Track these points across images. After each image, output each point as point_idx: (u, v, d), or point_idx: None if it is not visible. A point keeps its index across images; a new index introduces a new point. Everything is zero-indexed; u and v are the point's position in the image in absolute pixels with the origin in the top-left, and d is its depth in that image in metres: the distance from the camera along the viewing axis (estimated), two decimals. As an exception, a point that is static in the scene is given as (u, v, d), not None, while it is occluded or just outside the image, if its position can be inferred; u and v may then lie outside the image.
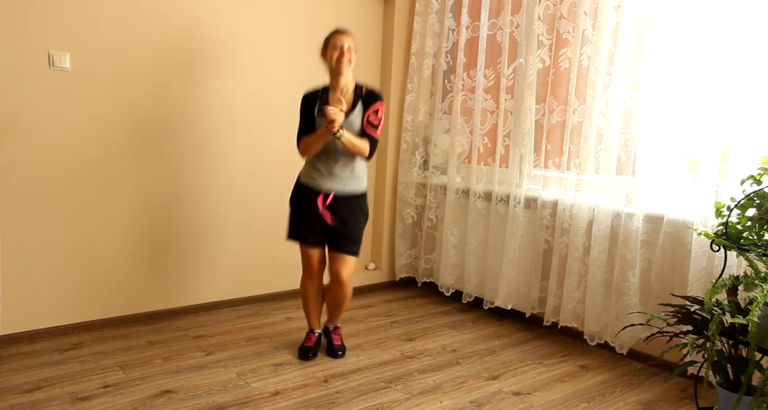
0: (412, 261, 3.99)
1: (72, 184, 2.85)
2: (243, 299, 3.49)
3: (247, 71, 3.30)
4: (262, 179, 3.46)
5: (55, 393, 2.33)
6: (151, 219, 3.10)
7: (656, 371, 2.74)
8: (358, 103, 2.60)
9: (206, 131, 3.21)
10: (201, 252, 3.30)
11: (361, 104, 2.60)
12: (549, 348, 3.01)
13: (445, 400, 2.40)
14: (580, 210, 2.93)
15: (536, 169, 3.22)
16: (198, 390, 2.40)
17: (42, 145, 2.75)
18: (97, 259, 2.96)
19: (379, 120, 2.61)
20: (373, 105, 2.60)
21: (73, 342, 2.84)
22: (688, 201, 2.60)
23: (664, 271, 2.69)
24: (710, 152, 2.45)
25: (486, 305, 3.47)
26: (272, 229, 3.52)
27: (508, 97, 3.30)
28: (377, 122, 2.60)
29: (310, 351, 2.77)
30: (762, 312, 1.84)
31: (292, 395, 2.39)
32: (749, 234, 2.01)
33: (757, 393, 1.79)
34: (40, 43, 2.68)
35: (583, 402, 2.42)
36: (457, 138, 3.54)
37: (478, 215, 3.47)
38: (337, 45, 2.56)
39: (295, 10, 3.43)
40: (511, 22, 3.24)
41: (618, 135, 2.78)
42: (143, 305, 3.14)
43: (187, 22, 3.06)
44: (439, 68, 3.66)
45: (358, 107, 2.60)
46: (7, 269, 2.72)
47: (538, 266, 3.19)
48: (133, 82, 2.95)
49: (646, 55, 2.66)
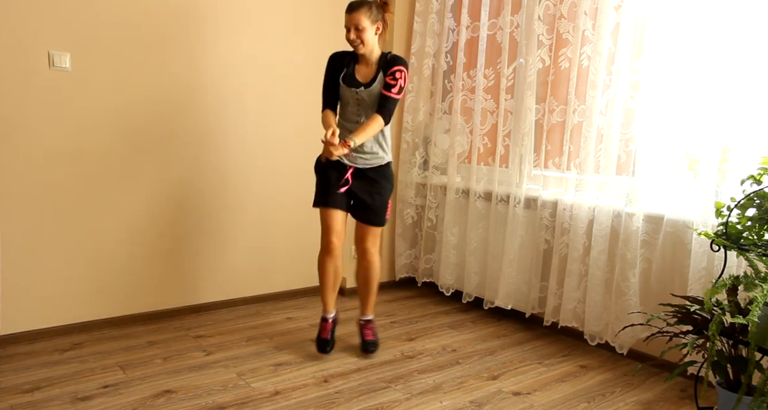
0: (412, 261, 3.99)
1: (72, 184, 2.85)
2: (243, 299, 3.49)
3: (250, 70, 3.31)
4: (263, 178, 3.46)
5: (55, 393, 2.33)
6: (151, 219, 3.10)
7: (656, 371, 2.74)
8: (380, 72, 2.62)
9: (207, 130, 3.21)
10: (201, 252, 3.30)
11: (382, 72, 2.62)
12: (549, 348, 3.01)
13: (445, 400, 2.40)
14: (580, 210, 2.93)
15: (536, 169, 3.22)
16: (198, 390, 2.40)
17: (42, 145, 2.75)
18: (97, 259, 2.97)
19: (396, 81, 2.60)
20: (391, 69, 2.60)
21: (73, 342, 2.84)
22: (688, 201, 2.60)
23: (664, 271, 2.69)
24: (710, 152, 2.45)
25: (486, 305, 3.47)
26: (272, 229, 3.53)
27: (508, 97, 3.30)
28: (393, 82, 2.59)
29: (327, 344, 2.76)
30: (762, 312, 1.85)
31: (292, 395, 2.39)
32: (749, 234, 2.01)
33: (757, 393, 1.79)
34: (40, 43, 2.69)
35: (583, 402, 2.42)
36: (457, 138, 3.54)
37: (478, 215, 3.47)
38: (348, 26, 2.58)
39: (293, 11, 3.43)
40: (511, 22, 3.24)
41: (618, 135, 2.78)
42: (143, 305, 3.15)
43: (187, 22, 3.06)
44: (439, 68, 3.66)
45: (379, 76, 2.62)
46: (7, 269, 2.72)
47: (538, 266, 3.19)
48: (133, 82, 2.95)
49: (646, 55, 2.66)
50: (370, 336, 2.82)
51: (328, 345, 2.78)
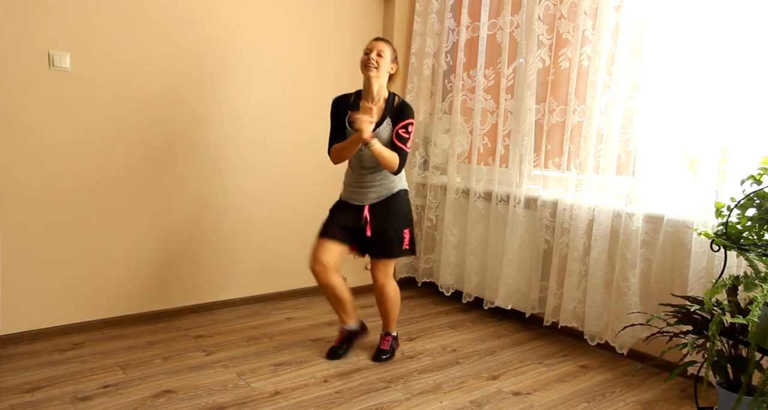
0: (412, 261, 3.99)
1: (72, 184, 2.85)
2: (243, 299, 3.49)
3: (255, 70, 3.30)
4: (263, 179, 3.46)
5: (55, 393, 2.33)
6: (151, 219, 3.10)
7: (656, 371, 2.74)
8: (387, 116, 2.58)
9: (207, 130, 3.21)
10: (201, 252, 3.29)
11: (390, 118, 2.59)
12: (549, 348, 3.01)
13: (445, 400, 2.40)
14: (580, 210, 2.93)
15: (536, 169, 3.22)
16: (198, 390, 2.40)
17: (42, 145, 2.75)
18: (97, 259, 2.96)
19: (409, 134, 2.58)
20: (403, 121, 2.57)
21: (73, 342, 2.84)
22: (688, 201, 2.60)
23: (664, 271, 2.69)
24: (710, 152, 2.45)
25: (486, 305, 3.47)
26: (272, 229, 3.53)
27: (508, 97, 3.30)
28: (407, 135, 2.58)
29: (336, 350, 2.78)
30: (762, 312, 1.85)
31: (292, 395, 2.39)
32: (749, 234, 2.01)
33: (757, 393, 1.79)
34: (40, 43, 2.68)
35: (583, 402, 2.42)
36: (457, 138, 3.54)
37: (478, 215, 3.47)
38: (368, 50, 2.56)
39: (294, 11, 3.43)
40: (511, 22, 3.24)
41: (618, 135, 2.78)
42: (143, 305, 3.14)
43: (187, 20, 3.06)
44: (439, 68, 3.66)
45: (386, 120, 2.58)
46: (7, 269, 2.72)
47: (538, 266, 3.19)
48: (134, 82, 2.95)
49: (646, 55, 2.66)
50: (384, 345, 2.82)
51: (337, 350, 2.78)
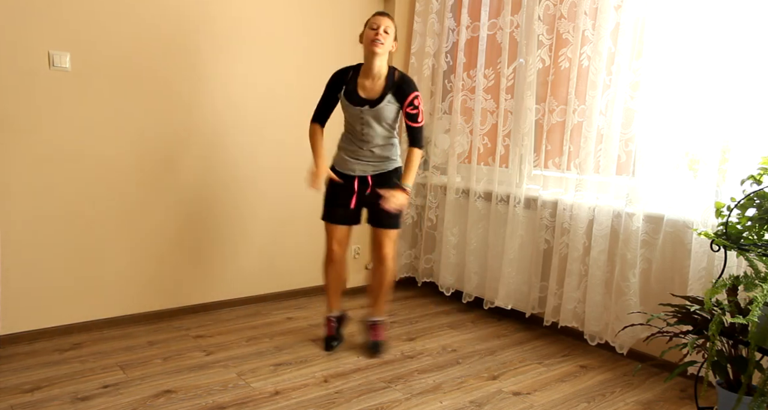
0: (412, 261, 3.99)
1: (72, 183, 2.85)
2: (243, 299, 3.49)
3: (254, 67, 3.30)
4: (266, 180, 3.46)
5: (55, 393, 2.33)
6: (151, 219, 3.10)
7: (656, 371, 2.74)
8: (388, 92, 2.59)
9: (212, 130, 3.21)
10: (201, 252, 3.29)
11: (392, 94, 2.59)
12: (549, 348, 3.01)
13: (445, 400, 2.40)
14: (580, 210, 2.93)
15: (536, 169, 3.22)
16: (198, 390, 2.40)
17: (42, 145, 2.75)
18: (97, 259, 2.96)
19: (417, 109, 2.60)
20: (408, 98, 2.58)
21: (73, 342, 2.84)
22: (688, 201, 2.60)
23: (664, 271, 2.69)
24: (710, 152, 2.45)
25: (486, 305, 3.47)
26: (272, 230, 3.53)
27: (508, 97, 3.30)
28: (415, 111, 2.60)
29: (333, 340, 2.85)
30: (762, 312, 1.85)
31: (292, 395, 2.39)
32: (749, 234, 2.01)
33: (757, 393, 1.79)
34: (40, 43, 2.68)
35: (583, 402, 2.42)
36: (457, 138, 3.54)
37: (478, 215, 3.47)
38: (375, 25, 2.54)
39: (294, 11, 3.43)
40: (511, 22, 3.24)
41: (618, 135, 2.78)
42: (143, 305, 3.14)
43: (187, 19, 3.06)
44: (439, 68, 3.66)
45: (388, 97, 2.58)
46: (7, 269, 2.72)
47: (538, 266, 3.19)
48: (134, 82, 2.95)
49: (646, 55, 2.66)
50: (380, 336, 2.83)
51: (335, 340, 2.85)
